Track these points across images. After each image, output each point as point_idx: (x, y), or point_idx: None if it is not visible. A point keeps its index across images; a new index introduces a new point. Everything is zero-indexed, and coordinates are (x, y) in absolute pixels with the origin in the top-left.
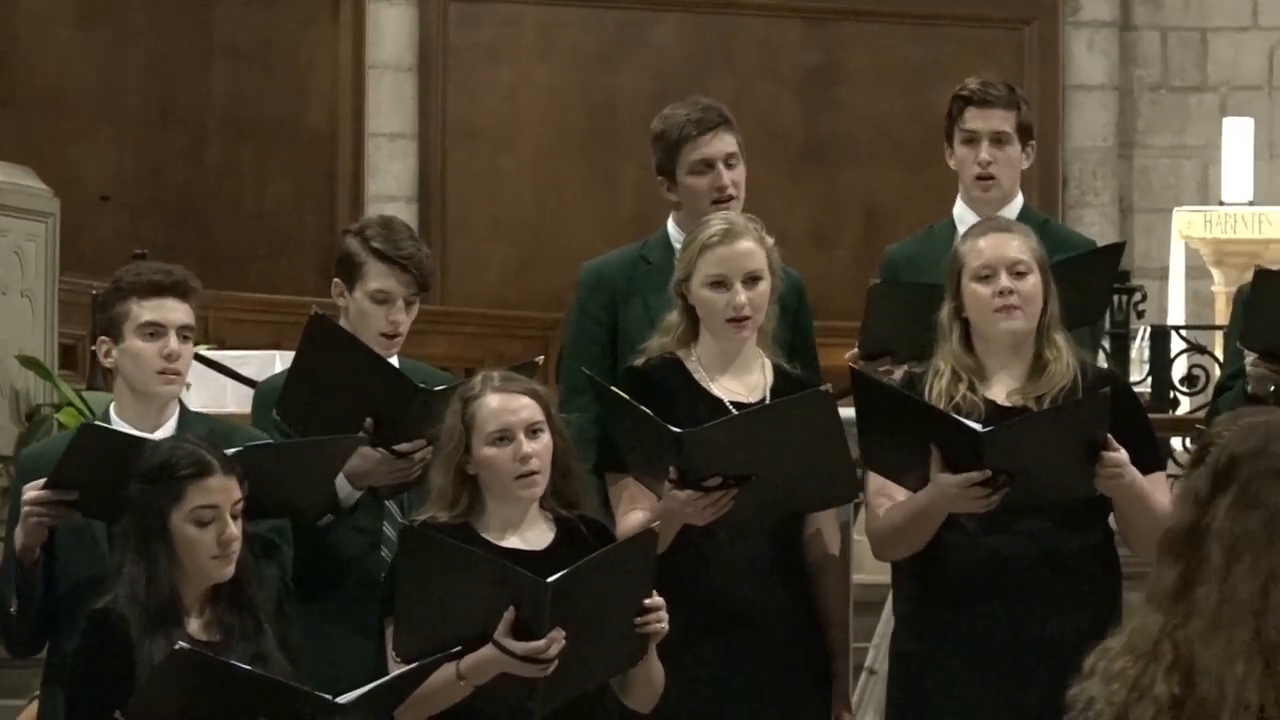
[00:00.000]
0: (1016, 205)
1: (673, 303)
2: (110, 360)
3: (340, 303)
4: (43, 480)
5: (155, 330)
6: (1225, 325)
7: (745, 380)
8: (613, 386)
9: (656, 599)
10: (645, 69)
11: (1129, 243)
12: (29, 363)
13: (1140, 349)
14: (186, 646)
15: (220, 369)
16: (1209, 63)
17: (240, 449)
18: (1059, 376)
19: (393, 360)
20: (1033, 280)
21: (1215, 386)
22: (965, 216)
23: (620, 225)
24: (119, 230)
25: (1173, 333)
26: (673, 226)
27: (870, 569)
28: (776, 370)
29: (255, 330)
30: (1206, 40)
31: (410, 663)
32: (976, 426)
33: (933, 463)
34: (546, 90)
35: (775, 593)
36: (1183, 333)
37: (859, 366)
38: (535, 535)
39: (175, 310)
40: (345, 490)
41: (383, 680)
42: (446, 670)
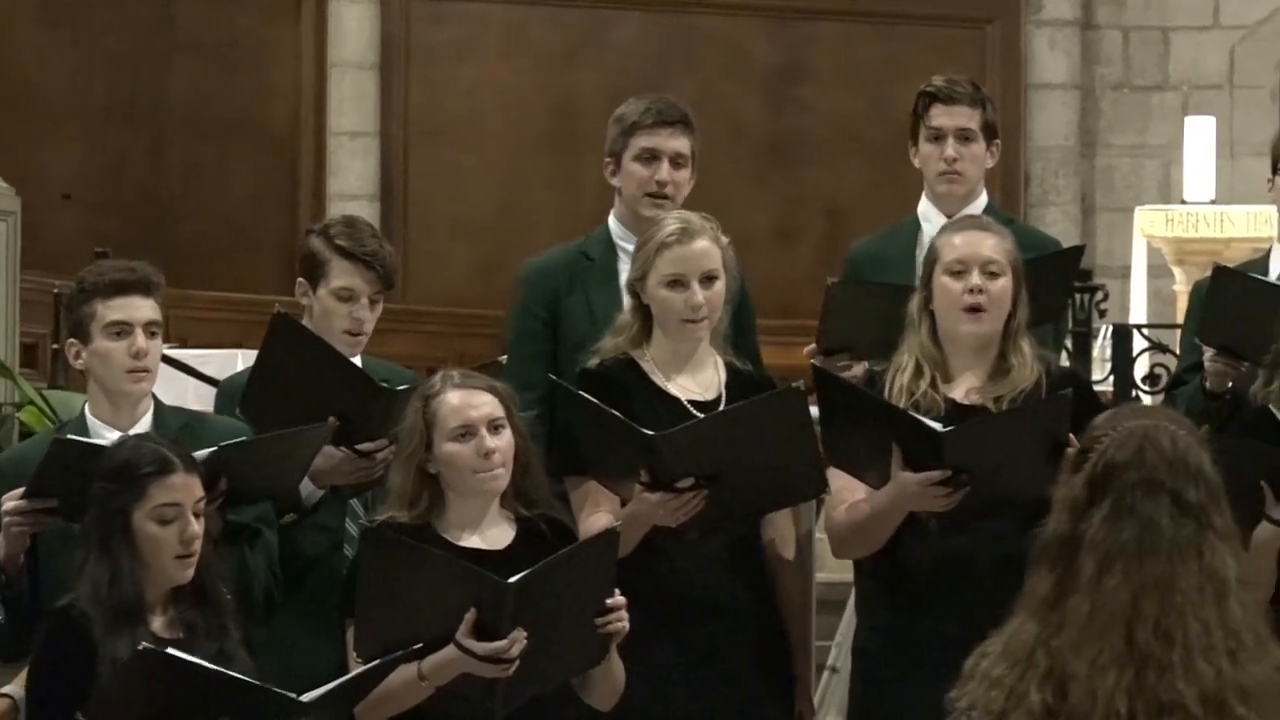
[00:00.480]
0: (981, 203)
1: (614, 299)
2: (80, 362)
3: (304, 302)
4: (21, 490)
5: (122, 329)
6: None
7: (699, 378)
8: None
9: (618, 599)
10: (608, 68)
11: (1091, 241)
12: None
13: (1102, 348)
14: (151, 646)
15: (182, 368)
16: (1170, 62)
17: (215, 449)
18: (1020, 380)
19: (356, 359)
20: (1003, 282)
21: (1169, 379)
22: (930, 214)
23: (582, 224)
24: (81, 228)
25: (1135, 331)
26: (613, 222)
27: (832, 567)
28: (729, 368)
29: (217, 329)
30: (1168, 39)
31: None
32: (937, 426)
33: (894, 460)
34: (509, 89)
35: (737, 590)
36: (1145, 331)
37: (818, 363)
38: (496, 535)
39: (141, 307)
40: (308, 489)
41: (344, 678)
42: (408, 671)
